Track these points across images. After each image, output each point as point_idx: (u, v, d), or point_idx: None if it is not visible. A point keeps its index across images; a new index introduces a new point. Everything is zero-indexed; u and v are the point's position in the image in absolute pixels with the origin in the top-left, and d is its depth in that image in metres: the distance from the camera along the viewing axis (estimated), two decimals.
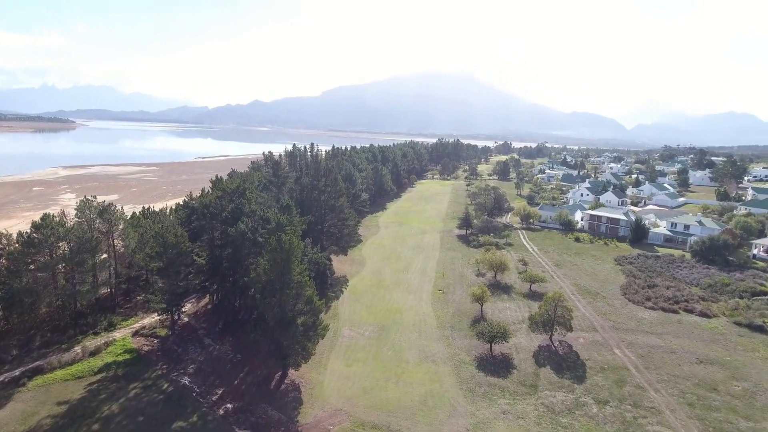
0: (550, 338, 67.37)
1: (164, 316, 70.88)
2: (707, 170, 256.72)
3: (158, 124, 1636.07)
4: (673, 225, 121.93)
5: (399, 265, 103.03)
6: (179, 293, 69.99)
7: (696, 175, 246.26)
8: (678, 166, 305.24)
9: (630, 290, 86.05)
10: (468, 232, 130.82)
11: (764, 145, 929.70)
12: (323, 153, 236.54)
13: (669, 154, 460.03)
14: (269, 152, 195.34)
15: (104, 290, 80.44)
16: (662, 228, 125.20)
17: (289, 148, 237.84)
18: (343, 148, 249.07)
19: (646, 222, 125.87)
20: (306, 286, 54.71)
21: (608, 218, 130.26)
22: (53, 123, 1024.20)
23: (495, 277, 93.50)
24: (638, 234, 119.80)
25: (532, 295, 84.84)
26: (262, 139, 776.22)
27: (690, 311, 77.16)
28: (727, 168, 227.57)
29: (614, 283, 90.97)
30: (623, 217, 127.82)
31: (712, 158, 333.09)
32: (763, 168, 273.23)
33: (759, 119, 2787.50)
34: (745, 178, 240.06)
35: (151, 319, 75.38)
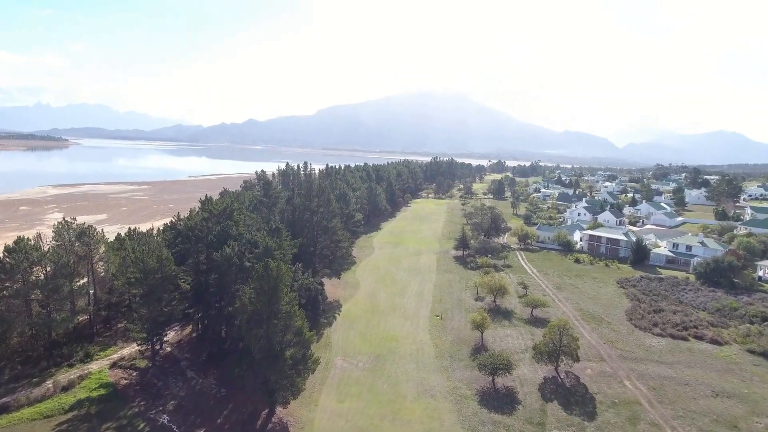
0: (556, 369, 63.44)
1: (144, 347, 66.39)
2: (703, 189, 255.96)
3: (153, 142, 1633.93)
4: (675, 246, 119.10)
5: (394, 289, 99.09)
6: (161, 322, 65.77)
7: (691, 194, 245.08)
8: (673, 184, 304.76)
9: (635, 315, 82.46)
10: (465, 253, 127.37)
11: (754, 163, 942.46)
12: (317, 172, 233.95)
13: (662, 173, 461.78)
14: (262, 171, 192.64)
15: (82, 317, 75.93)
16: (663, 249, 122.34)
17: (283, 167, 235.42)
18: (338, 167, 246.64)
19: (647, 242, 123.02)
20: (295, 316, 50.75)
21: (608, 239, 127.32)
22: (46, 141, 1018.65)
23: (494, 301, 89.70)
24: (639, 255, 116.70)
25: (534, 321, 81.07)
26: (257, 158, 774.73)
27: (700, 338, 73.58)
28: (723, 187, 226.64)
29: (618, 308, 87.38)
30: (623, 238, 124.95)
31: (706, 177, 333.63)
32: (758, 186, 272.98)
33: (747, 138, 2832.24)
34: (741, 197, 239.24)
35: (131, 348, 70.83)
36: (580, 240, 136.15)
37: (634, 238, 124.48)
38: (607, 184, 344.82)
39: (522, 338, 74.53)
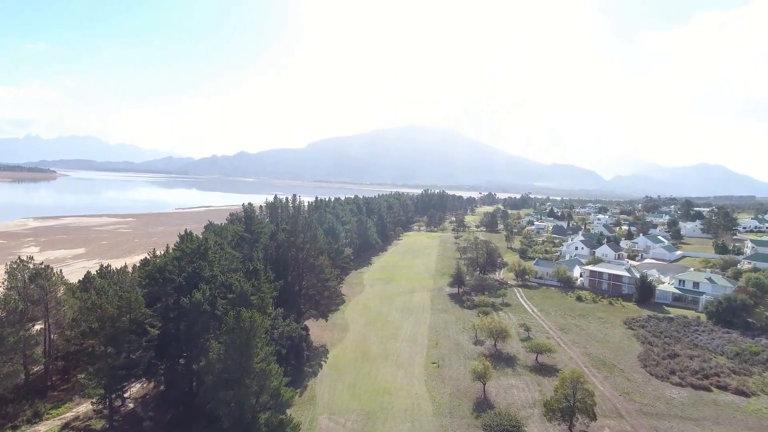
0: (570, 429, 56.01)
1: (100, 406, 58.01)
2: (698, 221, 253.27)
3: (142, 174, 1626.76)
4: (681, 282, 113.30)
5: (386, 332, 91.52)
6: (121, 376, 57.69)
7: (686, 227, 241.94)
8: (666, 217, 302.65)
9: (650, 361, 75.60)
10: (460, 290, 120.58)
11: (738, 195, 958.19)
12: (306, 204, 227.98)
13: (652, 205, 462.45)
14: (249, 203, 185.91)
15: (37, 368, 67.60)
16: (668, 285, 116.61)
17: (272, 199, 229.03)
18: (327, 200, 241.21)
19: (651, 279, 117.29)
20: (271, 375, 43.44)
21: (610, 275, 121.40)
22: (33, 173, 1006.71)
23: (495, 345, 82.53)
24: (645, 292, 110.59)
25: (540, 369, 73.90)
26: (247, 190, 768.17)
27: (724, 388, 66.87)
28: (719, 219, 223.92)
29: (630, 352, 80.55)
30: (627, 274, 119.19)
31: (697, 209, 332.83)
32: (751, 219, 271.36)
33: (729, 170, 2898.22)
34: (737, 230, 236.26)
35: (89, 405, 62.27)
36: (581, 276, 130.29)
37: (637, 274, 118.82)
38: (600, 216, 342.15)
39: (528, 390, 67.17)
